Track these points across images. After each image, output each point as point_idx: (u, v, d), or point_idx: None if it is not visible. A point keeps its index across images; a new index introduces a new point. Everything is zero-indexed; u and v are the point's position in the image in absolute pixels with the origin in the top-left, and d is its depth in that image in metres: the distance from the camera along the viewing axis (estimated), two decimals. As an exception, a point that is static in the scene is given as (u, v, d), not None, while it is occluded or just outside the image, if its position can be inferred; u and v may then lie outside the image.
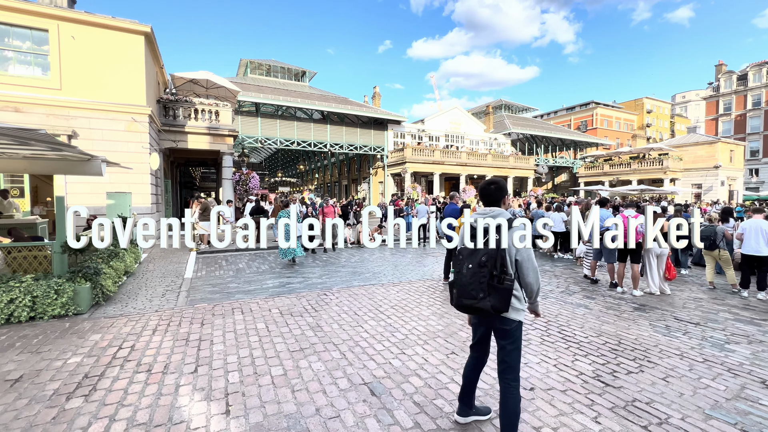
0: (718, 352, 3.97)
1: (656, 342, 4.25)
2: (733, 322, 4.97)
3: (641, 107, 61.25)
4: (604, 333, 4.53)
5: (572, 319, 5.07)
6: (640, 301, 6.00)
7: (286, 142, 26.44)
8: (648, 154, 34.63)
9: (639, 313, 5.36)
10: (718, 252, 6.93)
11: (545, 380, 3.34)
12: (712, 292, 6.66)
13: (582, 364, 3.67)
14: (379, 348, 4.02)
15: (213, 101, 15.89)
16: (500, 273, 2.23)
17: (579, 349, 4.03)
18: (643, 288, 6.59)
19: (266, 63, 33.20)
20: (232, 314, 5.14)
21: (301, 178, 54.93)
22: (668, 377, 3.41)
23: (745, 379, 3.38)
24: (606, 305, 5.73)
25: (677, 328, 4.72)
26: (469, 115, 35.73)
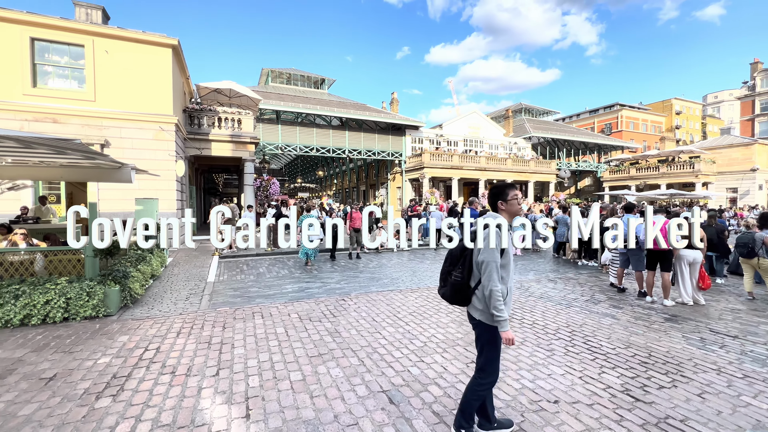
0: (759, 368, 3.72)
1: (690, 355, 4.03)
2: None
3: (670, 109, 58.93)
4: (632, 344, 4.34)
5: (598, 329, 4.88)
6: (671, 311, 5.71)
7: (305, 149, 26.88)
8: (678, 157, 33.21)
9: (671, 324, 5.11)
10: (757, 260, 6.52)
11: (570, 393, 3.22)
12: (752, 303, 6.27)
13: (609, 377, 3.51)
14: (397, 355, 3.99)
15: (235, 110, 16.37)
16: (451, 268, 2.57)
17: (606, 361, 3.87)
18: (674, 298, 6.28)
19: (287, 71, 33.98)
20: (253, 318, 5.22)
21: (320, 183, 55.65)
22: (704, 393, 3.22)
23: (791, 397, 3.15)
24: (634, 315, 5.49)
25: (713, 341, 4.46)
26: (488, 120, 35.34)
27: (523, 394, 3.19)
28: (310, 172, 55.01)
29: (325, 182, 53.80)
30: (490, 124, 34.86)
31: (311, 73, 34.82)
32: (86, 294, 5.09)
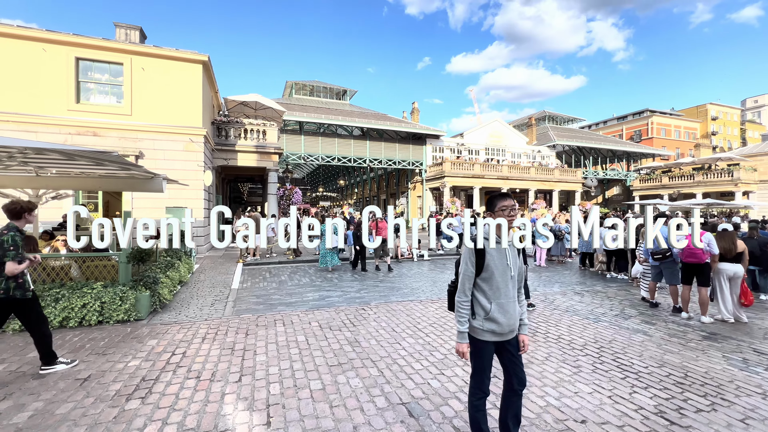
0: (811, 393, 3.43)
1: (731, 377, 3.77)
2: (829, 359, 4.29)
3: (705, 114, 56.30)
4: (667, 363, 4.10)
5: (629, 346, 4.65)
6: (709, 329, 5.38)
7: (327, 158, 27.37)
8: (715, 164, 31.55)
9: (709, 342, 4.80)
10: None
11: (599, 413, 3.07)
12: (801, 321, 5.81)
13: (642, 398, 3.33)
14: (417, 367, 3.94)
15: (261, 121, 16.92)
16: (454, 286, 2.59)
17: (638, 380, 3.68)
18: (713, 314, 5.91)
19: (310, 84, 34.91)
20: (275, 326, 5.30)
21: (341, 192, 56.33)
22: (747, 419, 3.00)
23: None
24: (669, 332, 5.20)
25: (757, 362, 4.16)
26: (510, 128, 34.89)
27: (548, 412, 3.07)
28: (332, 181, 55.84)
29: (346, 191, 54.42)
30: (512, 133, 34.39)
31: (333, 85, 35.61)
32: (119, 298, 5.34)
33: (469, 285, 2.37)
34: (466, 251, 2.38)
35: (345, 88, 35.76)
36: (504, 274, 2.36)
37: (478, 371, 2.43)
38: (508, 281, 2.38)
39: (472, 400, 2.44)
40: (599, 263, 10.41)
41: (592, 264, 10.87)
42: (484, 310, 2.35)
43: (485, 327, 2.34)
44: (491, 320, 2.33)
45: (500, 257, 2.36)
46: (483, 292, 2.36)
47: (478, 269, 2.35)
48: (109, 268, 6.22)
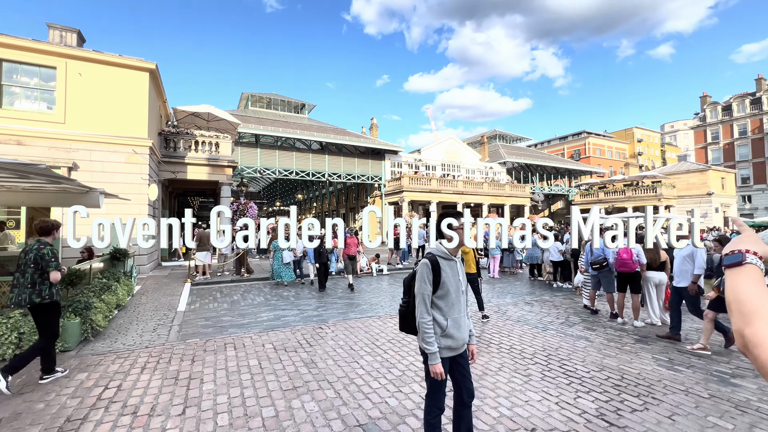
0: (723, 388, 3.86)
1: (660, 377, 4.14)
2: (737, 354, 4.87)
3: (632, 136, 62.95)
4: (606, 367, 4.42)
5: (573, 352, 4.95)
6: (641, 332, 5.90)
7: (284, 172, 26.80)
8: (642, 181, 35.21)
9: (641, 345, 5.26)
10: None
11: (547, 420, 3.22)
12: (714, 322, 6.55)
13: (585, 402, 3.55)
14: (375, 386, 3.89)
15: (214, 133, 16.25)
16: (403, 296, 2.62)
17: (581, 385, 3.91)
18: (644, 318, 6.50)
19: (267, 96, 34.29)
20: (225, 350, 4.99)
21: (300, 206, 55.22)
22: (674, 415, 3.29)
23: (753, 416, 3.27)
24: (607, 337, 5.62)
25: (681, 362, 4.61)
26: (464, 145, 36.55)
27: (501, 423, 3.16)
28: (290, 195, 54.60)
29: (304, 205, 53.43)
30: (466, 150, 36.03)
31: (291, 98, 35.27)
32: (42, 328, 4.74)
33: (429, 303, 2.36)
34: (423, 269, 2.39)
35: (303, 102, 35.56)
36: (457, 289, 2.44)
37: (435, 390, 2.42)
38: (461, 296, 2.47)
39: (429, 419, 2.43)
40: (547, 273, 11.07)
41: (541, 274, 11.54)
42: (440, 327, 2.38)
43: (442, 344, 2.36)
44: (448, 336, 2.37)
45: (453, 273, 2.44)
46: (439, 309, 2.40)
47: (435, 287, 2.38)
48: (31, 293, 5.52)
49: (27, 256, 3.94)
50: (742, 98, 45.59)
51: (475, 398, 3.36)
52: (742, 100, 45.39)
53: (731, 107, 46.22)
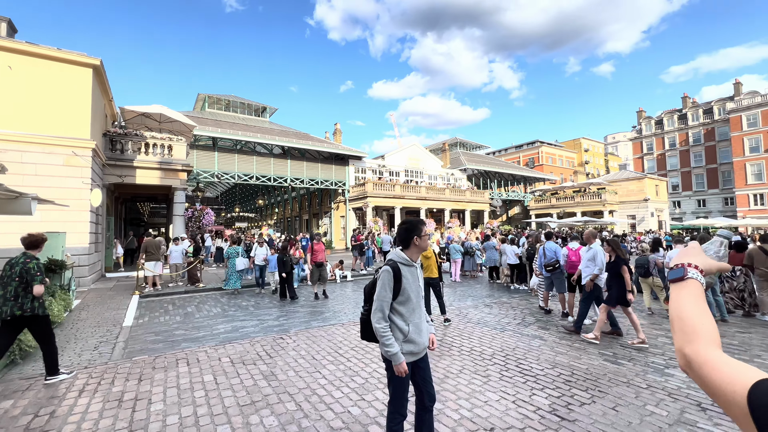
0: (659, 378, 4.22)
1: (605, 371, 4.45)
2: (669, 346, 5.34)
3: (579, 146, 67.70)
4: (558, 364, 4.67)
5: (529, 351, 5.19)
6: (589, 329, 6.30)
7: (244, 177, 25.88)
8: (588, 188, 37.92)
9: (589, 342, 5.62)
10: (651, 279, 7.56)
11: (505, 419, 3.34)
12: (651, 317, 7.17)
13: (539, 398, 3.72)
14: (337, 395, 3.83)
15: (166, 135, 15.36)
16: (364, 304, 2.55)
17: (536, 383, 4.11)
18: (591, 316, 6.95)
19: (225, 98, 33.04)
20: (176, 366, 4.69)
21: (260, 213, 53.46)
22: (617, 406, 3.55)
23: (684, 403, 3.60)
24: (559, 336, 5.95)
25: (623, 356, 4.98)
26: (427, 152, 37.40)
27: (462, 425, 3.23)
28: (250, 200, 52.77)
29: (265, 211, 51.83)
30: (429, 156, 36.88)
31: (252, 101, 34.27)
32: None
33: (387, 309, 2.36)
34: (385, 276, 2.39)
35: (265, 105, 34.67)
36: (418, 295, 2.48)
37: (398, 396, 2.42)
38: (421, 301, 2.51)
39: (392, 426, 2.43)
40: (504, 276, 11.55)
41: (499, 277, 12.01)
42: (402, 333, 2.40)
43: (405, 349, 2.38)
44: (410, 342, 2.40)
45: (413, 279, 2.48)
46: (400, 315, 2.41)
47: (395, 293, 2.39)
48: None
49: (12, 269, 4.06)
50: (671, 114, 50.71)
51: (437, 401, 3.42)
52: (672, 115, 50.49)
53: (662, 122, 51.24)
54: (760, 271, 6.98)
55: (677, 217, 45.71)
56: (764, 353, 5.01)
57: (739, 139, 41.17)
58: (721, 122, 44.65)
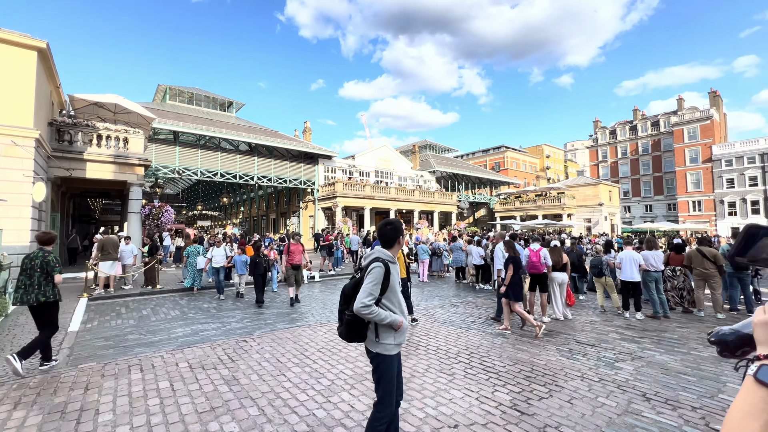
0: (609, 371, 4.50)
1: (562, 366, 4.68)
2: (619, 342, 5.72)
3: (541, 152, 70.97)
4: (519, 361, 4.86)
5: (492, 349, 5.36)
6: (548, 327, 6.61)
7: (208, 174, 24.80)
8: (549, 192, 39.82)
9: (548, 338, 5.89)
10: (604, 279, 8.06)
11: (468, 415, 3.42)
12: (603, 314, 7.64)
13: (501, 394, 3.85)
14: (302, 398, 3.76)
15: (122, 127, 14.39)
16: (344, 307, 2.50)
17: (498, 379, 4.25)
18: (550, 314, 7.30)
19: (188, 90, 31.54)
20: (128, 373, 4.40)
21: (225, 211, 51.48)
22: (572, 399, 3.74)
23: (631, 394, 3.87)
24: (521, 333, 6.20)
25: (578, 351, 5.27)
26: (397, 153, 37.67)
27: (426, 423, 3.27)
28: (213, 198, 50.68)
29: (230, 210, 49.98)
30: (399, 158, 37.17)
31: (217, 95, 32.97)
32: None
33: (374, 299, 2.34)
34: (378, 272, 2.38)
35: (231, 100, 33.44)
36: (399, 291, 2.58)
37: (388, 393, 2.42)
38: (402, 297, 2.60)
39: (378, 426, 2.37)
40: (470, 276, 11.86)
41: (465, 277, 12.32)
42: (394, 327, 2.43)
43: (397, 341, 2.44)
44: (401, 333, 2.47)
45: (397, 275, 2.55)
46: (389, 309, 2.44)
47: (383, 289, 2.39)
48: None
49: (33, 262, 4.65)
50: (623, 125, 54.44)
51: (403, 400, 3.44)
52: (624, 126, 54.21)
53: (616, 132, 54.89)
54: (697, 271, 7.64)
55: (627, 221, 49.10)
56: (699, 346, 5.49)
57: (681, 151, 44.97)
58: (666, 134, 48.57)
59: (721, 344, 0.83)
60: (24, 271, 4.63)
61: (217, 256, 9.87)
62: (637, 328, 6.52)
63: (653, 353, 5.16)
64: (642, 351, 5.27)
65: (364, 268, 2.51)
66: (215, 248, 10.09)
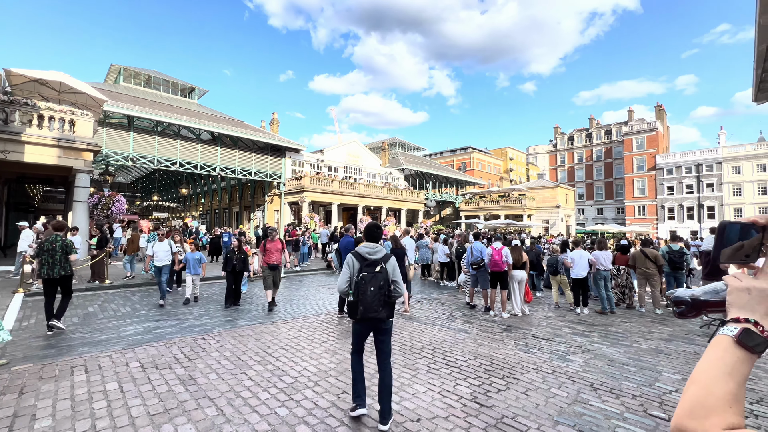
0: (561, 363, 4.79)
1: (519, 359, 4.91)
2: (571, 336, 6.09)
3: (505, 155, 73.71)
4: (480, 355, 5.04)
5: (454, 344, 5.51)
6: (507, 322, 6.91)
7: (165, 163, 23.38)
8: (511, 193, 41.49)
9: (507, 333, 6.16)
10: (559, 277, 8.54)
11: (430, 409, 3.50)
12: (557, 310, 8.10)
13: (462, 388, 3.98)
14: (264, 397, 3.67)
15: (68, 108, 13.20)
16: (391, 293, 3.30)
17: (460, 373, 4.38)
18: (509, 310, 7.62)
19: (145, 72, 29.53)
20: (71, 375, 4.07)
21: (184, 203, 48.88)
22: (528, 391, 3.94)
23: (580, 384, 4.14)
24: (482, 328, 6.43)
25: (534, 345, 5.55)
26: (367, 150, 37.57)
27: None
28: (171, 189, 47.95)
29: (190, 201, 47.53)
30: (368, 154, 37.10)
31: (178, 79, 31.15)
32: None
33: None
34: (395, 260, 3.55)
35: (193, 86, 31.73)
36: None
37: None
38: None
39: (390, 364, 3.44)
40: (435, 273, 12.12)
41: (430, 274, 12.57)
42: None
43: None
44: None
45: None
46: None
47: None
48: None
49: (53, 245, 5.79)
50: (580, 132, 57.81)
51: (368, 397, 3.46)
52: (581, 133, 57.57)
53: (573, 138, 58.17)
54: (641, 270, 8.30)
55: (581, 223, 52.34)
56: (641, 339, 5.97)
57: (630, 159, 48.54)
58: (617, 143, 52.16)
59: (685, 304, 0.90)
60: (46, 251, 5.74)
61: (159, 252, 8.16)
62: (587, 323, 6.98)
63: (600, 346, 5.54)
64: (591, 344, 5.64)
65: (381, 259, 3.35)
66: (157, 242, 8.37)
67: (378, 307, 3.15)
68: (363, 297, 3.16)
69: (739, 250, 0.77)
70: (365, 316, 3.15)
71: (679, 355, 5.23)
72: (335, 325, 6.40)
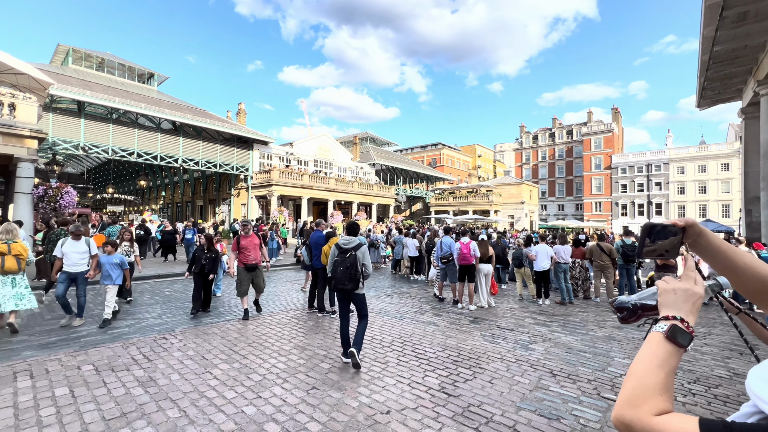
0: (524, 352, 5.02)
1: (485, 350, 5.09)
2: (534, 326, 6.39)
3: (474, 151, 75.51)
4: (448, 347, 5.17)
5: (424, 336, 5.62)
6: (474, 314, 7.13)
7: (121, 152, 21.94)
8: (479, 189, 42.67)
9: (473, 325, 6.36)
10: (523, 270, 8.91)
11: (400, 401, 3.56)
12: (521, 302, 8.46)
13: (431, 379, 4.07)
14: (230, 396, 3.57)
15: (8, 90, 12.03)
16: (357, 272, 4.44)
17: (428, 365, 4.48)
18: (476, 303, 7.87)
19: (98, 55, 27.46)
20: (14, 381, 3.76)
21: (142, 196, 46.17)
22: (493, 379, 4.10)
23: (541, 371, 4.36)
24: (450, 321, 6.59)
25: (499, 335, 5.78)
26: (337, 143, 37.15)
27: (360, 412, 3.33)
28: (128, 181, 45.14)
29: (149, 194, 44.98)
30: (339, 148, 36.70)
31: (135, 64, 29.26)
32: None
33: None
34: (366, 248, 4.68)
35: (152, 71, 29.92)
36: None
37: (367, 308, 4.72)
38: None
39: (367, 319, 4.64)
40: (405, 268, 12.26)
41: (401, 269, 12.69)
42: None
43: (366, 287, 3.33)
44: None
45: None
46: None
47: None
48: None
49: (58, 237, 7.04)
50: (544, 131, 60.33)
51: (337, 391, 3.46)
52: (545, 132, 60.09)
53: (538, 137, 60.62)
54: (596, 263, 8.83)
55: (543, 218, 54.83)
56: (596, 327, 6.37)
57: (589, 158, 51.34)
58: (577, 143, 54.95)
59: (626, 310, 0.98)
60: (51, 242, 7.12)
61: (71, 253, 5.87)
62: (548, 313, 7.35)
63: (560, 335, 5.86)
64: (551, 333, 5.95)
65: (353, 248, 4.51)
66: (69, 240, 5.98)
67: (345, 281, 4.38)
68: (335, 274, 4.45)
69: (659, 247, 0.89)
70: (336, 287, 4.47)
71: (629, 341, 5.63)
72: (304, 321, 6.33)
